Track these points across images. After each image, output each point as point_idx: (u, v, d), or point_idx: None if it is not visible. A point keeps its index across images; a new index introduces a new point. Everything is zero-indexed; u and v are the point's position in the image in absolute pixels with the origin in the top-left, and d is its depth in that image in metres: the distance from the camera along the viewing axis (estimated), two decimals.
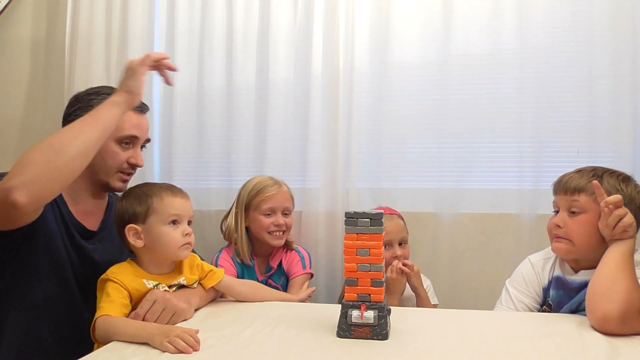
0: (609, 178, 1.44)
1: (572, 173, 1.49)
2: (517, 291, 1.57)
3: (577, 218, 1.44)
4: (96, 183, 1.58)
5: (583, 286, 1.44)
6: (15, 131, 2.46)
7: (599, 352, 1.16)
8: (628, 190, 1.43)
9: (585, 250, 1.45)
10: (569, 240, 1.45)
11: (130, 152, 1.60)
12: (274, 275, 1.98)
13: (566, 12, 2.02)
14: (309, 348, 1.19)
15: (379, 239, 1.25)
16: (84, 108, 1.56)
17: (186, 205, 1.45)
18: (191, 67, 2.25)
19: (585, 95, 2.01)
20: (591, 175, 1.45)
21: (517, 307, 1.56)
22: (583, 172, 1.47)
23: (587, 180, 1.43)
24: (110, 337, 1.24)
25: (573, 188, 1.45)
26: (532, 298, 1.56)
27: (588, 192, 1.43)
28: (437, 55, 2.09)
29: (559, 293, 1.52)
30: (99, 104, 1.53)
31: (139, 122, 1.62)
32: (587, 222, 1.42)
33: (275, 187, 1.96)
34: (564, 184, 1.48)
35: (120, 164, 1.58)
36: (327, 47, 2.12)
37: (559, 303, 1.51)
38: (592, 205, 1.42)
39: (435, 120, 2.10)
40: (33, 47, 2.43)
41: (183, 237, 1.42)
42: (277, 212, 1.95)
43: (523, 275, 1.58)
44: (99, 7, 2.27)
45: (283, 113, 2.19)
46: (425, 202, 2.12)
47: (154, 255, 1.42)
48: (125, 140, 1.58)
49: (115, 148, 1.57)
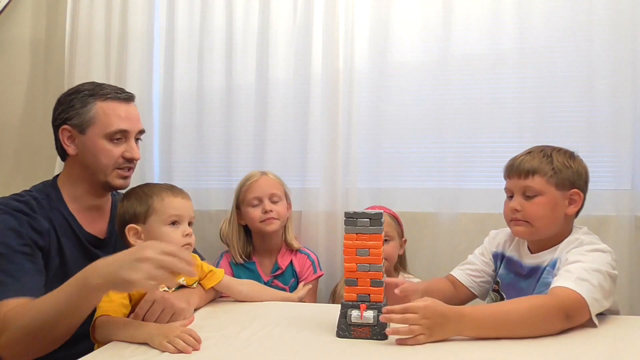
0: (558, 155, 1.47)
1: (523, 155, 1.50)
2: (473, 255, 1.64)
3: (534, 201, 1.45)
4: (97, 184, 1.55)
5: (532, 272, 1.47)
6: (15, 131, 2.46)
7: (599, 351, 1.16)
8: (575, 166, 1.47)
9: (545, 230, 1.47)
10: (528, 223, 1.47)
11: (124, 147, 1.54)
12: (282, 275, 1.97)
13: (566, 12, 2.01)
14: (309, 348, 1.19)
15: (379, 239, 1.25)
16: (66, 110, 1.53)
17: (187, 206, 1.45)
18: (191, 67, 2.25)
19: (585, 95, 2.01)
20: (541, 155, 1.47)
21: (467, 267, 1.62)
22: (533, 153, 1.49)
23: (539, 161, 1.46)
24: (109, 337, 1.24)
25: (527, 170, 1.46)
26: (485, 263, 1.61)
27: (541, 172, 1.45)
28: (437, 55, 2.09)
29: (509, 275, 1.54)
30: (79, 103, 1.51)
31: (127, 113, 1.56)
32: (544, 203, 1.45)
33: (258, 174, 1.98)
34: (517, 167, 1.48)
35: (115, 160, 1.53)
36: (326, 47, 2.12)
37: (508, 285, 1.53)
38: (547, 187, 1.45)
39: (435, 120, 2.10)
40: (33, 47, 2.43)
41: (183, 238, 1.42)
42: (264, 199, 1.94)
43: (483, 243, 1.65)
44: (99, 7, 2.27)
45: (283, 113, 2.19)
46: (425, 202, 2.12)
47: None
48: (116, 136, 1.52)
49: (106, 145, 1.52)
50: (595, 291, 1.28)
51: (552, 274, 1.40)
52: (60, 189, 1.55)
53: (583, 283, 1.28)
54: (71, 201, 1.54)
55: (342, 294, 1.29)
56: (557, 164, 1.45)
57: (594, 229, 1.50)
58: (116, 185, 1.56)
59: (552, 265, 1.42)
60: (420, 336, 1.19)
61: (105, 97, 1.54)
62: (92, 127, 1.51)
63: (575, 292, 1.26)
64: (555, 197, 1.45)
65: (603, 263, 1.35)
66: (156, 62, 2.27)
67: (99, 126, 1.51)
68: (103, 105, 1.53)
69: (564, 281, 1.30)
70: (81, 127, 1.51)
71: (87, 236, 1.54)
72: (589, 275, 1.30)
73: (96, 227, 1.58)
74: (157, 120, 2.28)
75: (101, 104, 1.53)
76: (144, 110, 2.23)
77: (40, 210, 1.47)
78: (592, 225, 1.93)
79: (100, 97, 1.53)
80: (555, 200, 1.45)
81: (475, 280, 1.61)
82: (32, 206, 1.46)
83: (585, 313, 1.27)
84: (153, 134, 2.26)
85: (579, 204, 1.48)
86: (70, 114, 1.52)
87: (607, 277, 1.33)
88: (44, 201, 1.50)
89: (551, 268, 1.42)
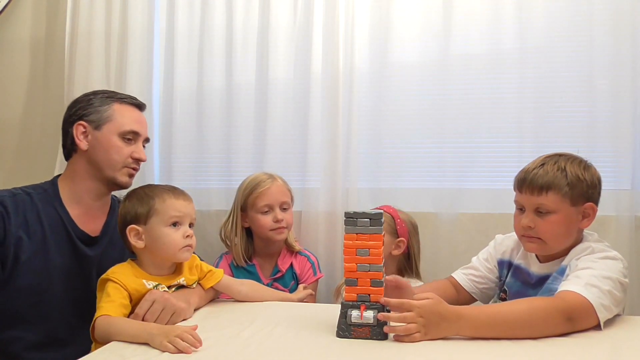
0: (572, 167, 1.42)
1: (536, 168, 1.43)
2: (478, 260, 1.62)
3: (547, 218, 1.41)
4: (102, 180, 1.61)
5: (541, 281, 1.45)
6: (15, 131, 2.46)
7: (599, 352, 1.16)
8: (589, 177, 1.43)
9: (557, 246, 1.44)
10: (540, 240, 1.43)
11: (133, 147, 1.63)
12: (282, 278, 1.96)
13: (566, 12, 2.01)
14: (309, 348, 1.19)
15: (379, 239, 1.25)
16: (84, 107, 1.61)
17: (188, 207, 1.45)
18: (191, 67, 2.25)
19: (585, 95, 2.01)
20: (555, 168, 1.41)
21: (471, 272, 1.61)
22: (547, 166, 1.42)
23: (553, 176, 1.40)
24: (109, 337, 1.24)
25: (540, 186, 1.40)
26: (489, 270, 1.59)
27: (556, 189, 1.40)
28: (437, 55, 2.09)
29: (517, 284, 1.52)
30: (98, 102, 1.61)
31: (140, 118, 1.68)
32: (558, 222, 1.40)
33: (269, 181, 1.94)
34: (530, 182, 1.42)
35: (125, 159, 1.61)
36: (327, 47, 2.12)
37: (516, 293, 1.50)
38: (561, 204, 1.40)
39: (435, 120, 2.10)
40: (33, 47, 2.43)
41: (184, 239, 1.42)
42: (275, 207, 1.92)
43: (488, 248, 1.63)
44: (99, 7, 2.27)
45: (283, 113, 2.19)
46: (425, 202, 2.12)
47: (154, 257, 1.42)
48: (128, 136, 1.62)
49: (119, 142, 1.61)
50: (604, 297, 1.26)
51: (558, 280, 1.37)
52: (58, 187, 1.61)
53: (592, 289, 1.26)
54: (69, 199, 1.59)
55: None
56: (572, 177, 1.40)
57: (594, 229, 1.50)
58: (122, 182, 1.63)
59: (561, 272, 1.40)
60: (416, 334, 1.19)
61: (122, 100, 1.66)
62: (108, 124, 1.60)
63: (581, 296, 1.25)
64: (570, 213, 1.40)
65: (614, 270, 1.32)
66: (156, 62, 2.27)
67: (115, 124, 1.61)
68: (120, 107, 1.64)
69: (572, 285, 1.28)
70: (97, 124, 1.60)
71: (80, 233, 1.59)
72: (599, 282, 1.28)
73: (91, 226, 1.61)
74: (157, 120, 2.28)
75: (118, 105, 1.64)
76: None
77: (24, 205, 1.52)
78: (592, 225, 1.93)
79: (117, 100, 1.65)
80: (570, 218, 1.41)
81: (478, 287, 1.60)
82: (5, 204, 1.50)
83: (591, 318, 1.25)
84: (153, 134, 2.26)
85: (593, 217, 1.43)
86: (88, 111, 1.61)
87: (617, 284, 1.31)
88: (38, 196, 1.56)
89: (559, 275, 1.40)
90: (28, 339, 1.49)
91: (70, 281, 1.56)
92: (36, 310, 1.51)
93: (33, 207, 1.54)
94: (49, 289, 1.52)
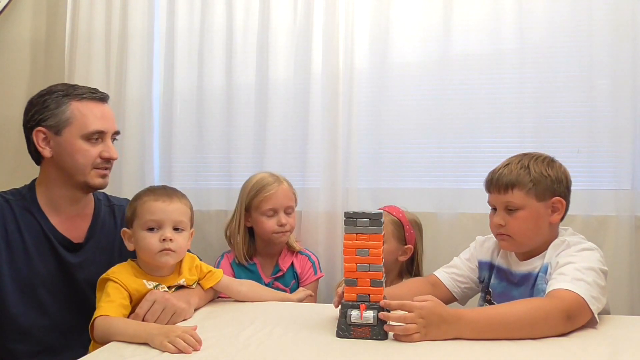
0: (535, 165, 1.47)
1: (501, 168, 1.50)
2: (460, 260, 1.64)
3: (515, 215, 1.46)
4: (75, 186, 1.53)
5: (524, 279, 1.48)
6: (15, 131, 2.44)
7: (599, 352, 1.16)
8: (554, 173, 1.47)
9: (529, 242, 1.47)
10: (512, 237, 1.47)
11: (101, 147, 1.53)
12: (283, 277, 1.96)
13: (566, 11, 2.01)
14: (309, 348, 1.19)
15: (379, 239, 1.25)
16: (40, 111, 1.51)
17: (167, 210, 1.39)
18: (191, 67, 2.25)
19: (585, 95, 2.01)
20: (519, 167, 1.47)
21: (453, 271, 1.62)
22: (511, 166, 1.48)
23: (517, 174, 1.45)
24: (109, 337, 1.24)
25: (505, 185, 1.46)
26: (471, 269, 1.61)
27: (520, 186, 1.45)
28: (437, 55, 2.09)
29: (502, 284, 1.54)
30: (54, 103, 1.50)
31: (103, 113, 1.55)
32: (526, 218, 1.45)
33: (275, 184, 1.93)
34: (496, 182, 1.48)
35: (93, 160, 1.51)
36: (327, 47, 2.12)
37: (500, 294, 1.53)
38: (527, 200, 1.44)
39: (435, 120, 2.10)
40: (33, 47, 2.43)
41: (160, 243, 1.37)
42: (279, 211, 1.92)
43: (470, 249, 1.65)
44: (99, 7, 2.27)
45: (283, 113, 2.19)
46: (425, 202, 2.12)
47: (142, 260, 1.42)
48: (94, 137, 1.51)
49: (84, 145, 1.50)
50: (591, 289, 1.29)
51: (545, 280, 1.40)
52: (36, 191, 1.54)
53: (579, 282, 1.29)
54: (47, 206, 1.53)
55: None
56: (535, 174, 1.45)
57: (594, 229, 1.50)
58: (95, 184, 1.54)
59: (544, 270, 1.42)
60: (415, 335, 1.20)
61: (81, 97, 1.52)
62: (69, 127, 1.49)
63: (573, 293, 1.27)
64: (537, 208, 1.45)
65: (594, 260, 1.36)
66: (156, 62, 2.27)
67: (76, 126, 1.49)
68: (79, 105, 1.51)
69: (560, 283, 1.30)
70: (57, 128, 1.49)
71: (61, 239, 1.52)
72: (583, 274, 1.31)
73: (73, 233, 1.55)
74: (157, 120, 2.27)
75: (77, 104, 1.51)
76: (144, 110, 2.25)
77: (3, 213, 1.47)
78: (592, 225, 1.94)
79: (75, 97, 1.52)
80: (538, 213, 1.45)
81: (460, 286, 1.61)
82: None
83: (586, 312, 1.27)
84: (153, 134, 2.26)
85: (562, 211, 1.48)
86: (44, 115, 1.50)
87: (600, 273, 1.34)
88: (16, 202, 1.50)
89: (543, 274, 1.42)
90: (20, 349, 1.46)
91: (56, 289, 1.51)
92: (25, 320, 1.46)
93: (12, 215, 1.48)
94: (35, 299, 1.48)
